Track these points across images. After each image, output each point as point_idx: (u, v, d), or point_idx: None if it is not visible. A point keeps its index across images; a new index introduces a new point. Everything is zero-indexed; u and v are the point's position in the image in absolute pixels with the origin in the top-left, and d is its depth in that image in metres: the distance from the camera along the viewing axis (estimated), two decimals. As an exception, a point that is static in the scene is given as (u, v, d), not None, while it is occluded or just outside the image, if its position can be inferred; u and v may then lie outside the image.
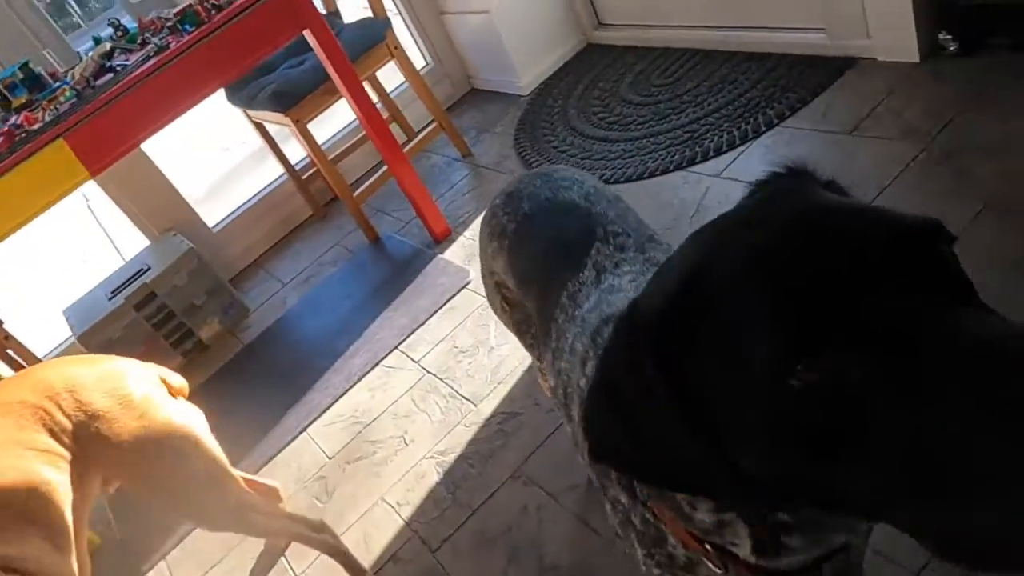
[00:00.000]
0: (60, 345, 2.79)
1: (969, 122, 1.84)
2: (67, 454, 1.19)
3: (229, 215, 3.05)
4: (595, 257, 0.88)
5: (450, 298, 2.27)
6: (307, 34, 2.13)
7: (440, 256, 2.47)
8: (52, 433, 1.19)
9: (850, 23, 2.16)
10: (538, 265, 0.98)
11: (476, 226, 2.51)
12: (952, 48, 2.01)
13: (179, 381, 1.50)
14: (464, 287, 2.28)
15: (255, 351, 2.56)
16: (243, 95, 2.63)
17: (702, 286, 0.50)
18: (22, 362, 2.29)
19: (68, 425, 1.21)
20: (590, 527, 1.49)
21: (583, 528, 1.50)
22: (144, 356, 2.53)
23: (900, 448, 0.41)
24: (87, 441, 1.23)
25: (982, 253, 1.55)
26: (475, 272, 2.31)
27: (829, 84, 2.19)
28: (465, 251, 2.44)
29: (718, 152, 2.21)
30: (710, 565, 0.65)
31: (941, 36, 2.02)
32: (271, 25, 2.01)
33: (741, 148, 2.18)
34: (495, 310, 1.25)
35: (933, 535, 0.42)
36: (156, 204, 2.81)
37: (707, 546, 0.63)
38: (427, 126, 2.84)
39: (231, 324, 2.72)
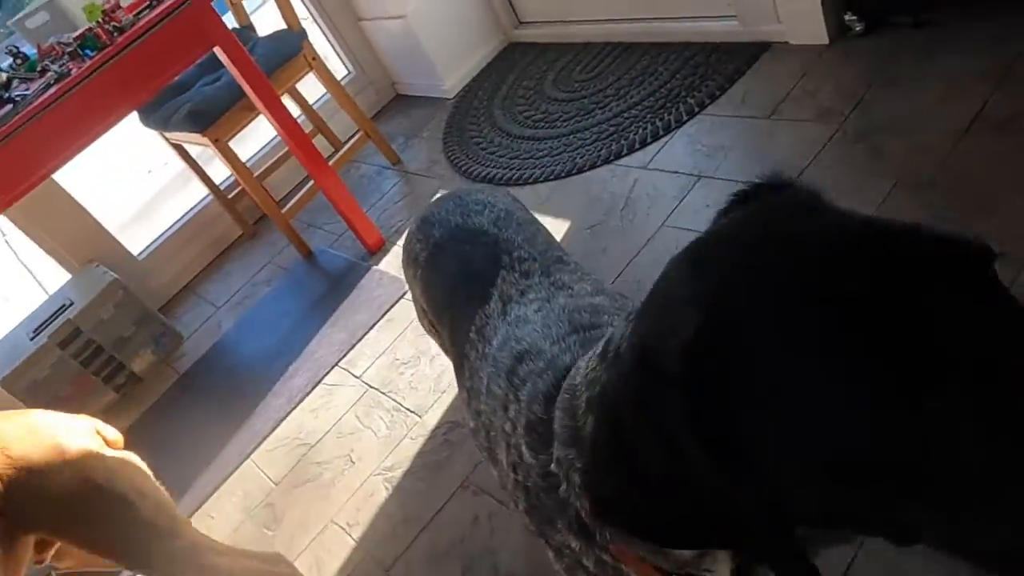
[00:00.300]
0: (-18, 391, 2.66)
1: (878, 100, 1.90)
2: None
3: (155, 241, 2.95)
4: (501, 287, 0.87)
5: (388, 310, 2.24)
6: (217, 51, 2.07)
7: (375, 268, 2.43)
8: None
9: (760, 9, 2.20)
10: (448, 296, 0.96)
11: (410, 234, 2.49)
12: (858, 28, 2.07)
13: (113, 434, 1.43)
14: (401, 298, 2.26)
15: (192, 379, 2.48)
16: (157, 117, 2.54)
17: (737, 322, 0.44)
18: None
19: None
20: (541, 531, 1.49)
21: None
22: (74, 395, 2.45)
23: (969, 474, 0.40)
24: (21, 498, 1.15)
25: (898, 228, 1.60)
26: (412, 281, 2.28)
27: (746, 70, 2.23)
28: (400, 260, 2.40)
29: (643, 144, 2.23)
30: None
31: (847, 17, 2.08)
32: (177, 44, 1.94)
33: (665, 138, 2.21)
34: (427, 331, 1.23)
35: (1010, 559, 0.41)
36: (74, 235, 2.70)
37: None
38: (353, 136, 2.79)
39: (165, 354, 2.63)
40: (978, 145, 1.66)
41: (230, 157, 2.48)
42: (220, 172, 2.96)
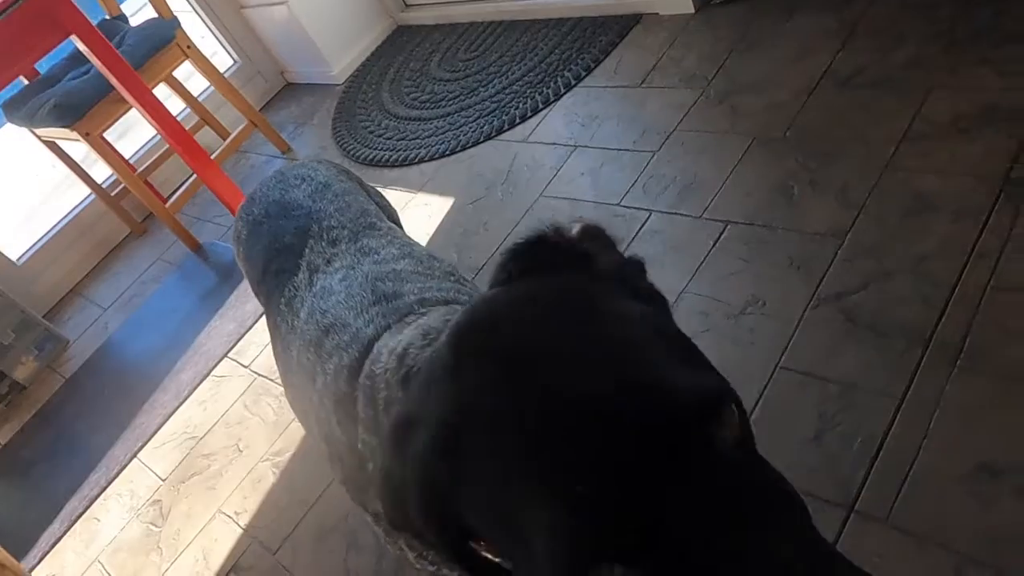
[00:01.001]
0: None
1: (738, 64, 1.97)
2: None
3: (35, 245, 2.82)
4: (308, 257, 0.88)
5: (277, 297, 2.21)
6: (75, 40, 1.99)
7: (264, 256, 2.39)
8: None
9: (629, -19, 2.25)
10: (262, 271, 0.96)
11: (298, 221, 2.45)
12: (720, -4, 2.14)
13: None
14: (290, 284, 2.22)
15: (78, 383, 2.40)
16: (23, 113, 2.43)
17: (467, 433, 0.45)
18: None
19: None
20: (421, 499, 1.50)
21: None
22: (-51, 408, 2.33)
23: None
24: None
25: (753, 182, 1.67)
26: (300, 267, 2.25)
27: (619, 41, 2.28)
28: (290, 248, 2.37)
29: (523, 118, 2.25)
30: None
31: (709, -14, 2.14)
32: (26, 34, 1.86)
33: (544, 112, 2.24)
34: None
35: None
36: (-56, 243, 2.56)
37: None
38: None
39: (49, 359, 2.53)
40: (824, 100, 1.74)
41: (105, 152, 2.40)
42: (104, 170, 2.86)
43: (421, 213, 2.17)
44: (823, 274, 1.43)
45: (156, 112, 2.19)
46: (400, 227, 1.13)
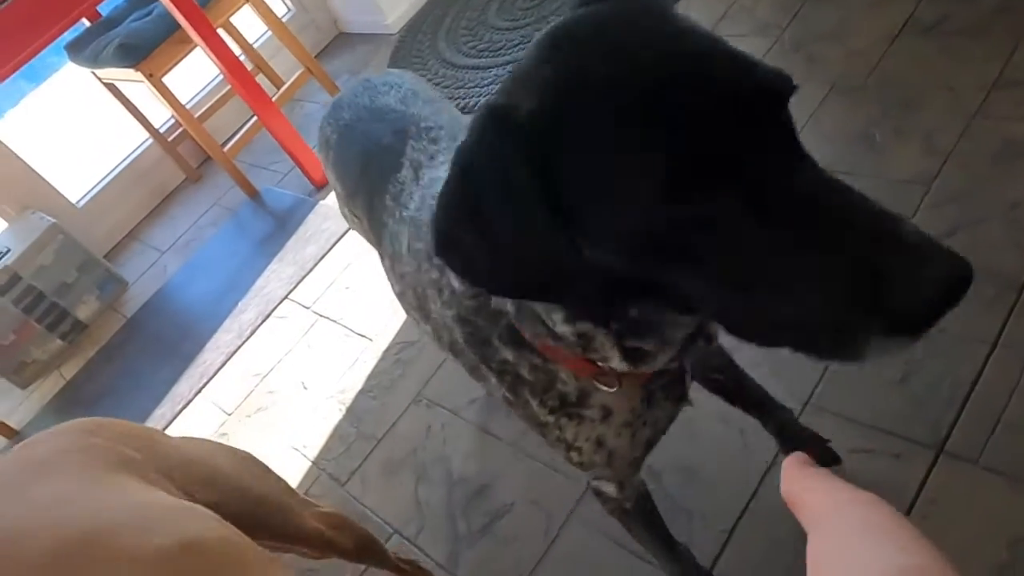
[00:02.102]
0: (-80, 344, 2.57)
1: (814, 12, 1.92)
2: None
3: (93, 188, 2.86)
4: (411, 154, 0.89)
5: (336, 241, 2.23)
6: (145, -24, 1.99)
7: (322, 202, 2.41)
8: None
9: (699, -73, 2.20)
10: (361, 173, 0.98)
11: (356, 168, 2.46)
12: (794, -57, 2.08)
13: None
14: (349, 229, 2.24)
15: (140, 324, 2.44)
16: (87, 53, 2.45)
17: (575, 96, 0.50)
18: None
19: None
20: (492, 435, 1.52)
21: (486, 437, 1.53)
22: (17, 342, 2.39)
23: (734, 261, 0.48)
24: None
25: (832, 130, 1.64)
26: (360, 213, 2.26)
27: (686, -10, 2.23)
28: (348, 194, 2.38)
29: (587, 67, 2.22)
30: (602, 387, 0.68)
31: (783, -68, 2.08)
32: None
33: (608, 60, 2.20)
34: (348, 221, 1.24)
35: (738, 323, 0.51)
36: (8, 183, 2.60)
37: (599, 364, 0.65)
38: (296, 74, 2.73)
39: (110, 300, 2.58)
40: (908, 48, 1.69)
41: (166, 94, 2.41)
42: (159, 115, 2.88)
43: (482, 160, 2.16)
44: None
45: (220, 52, 2.20)
46: None
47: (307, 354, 1.96)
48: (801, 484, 0.29)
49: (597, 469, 0.79)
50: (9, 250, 2.42)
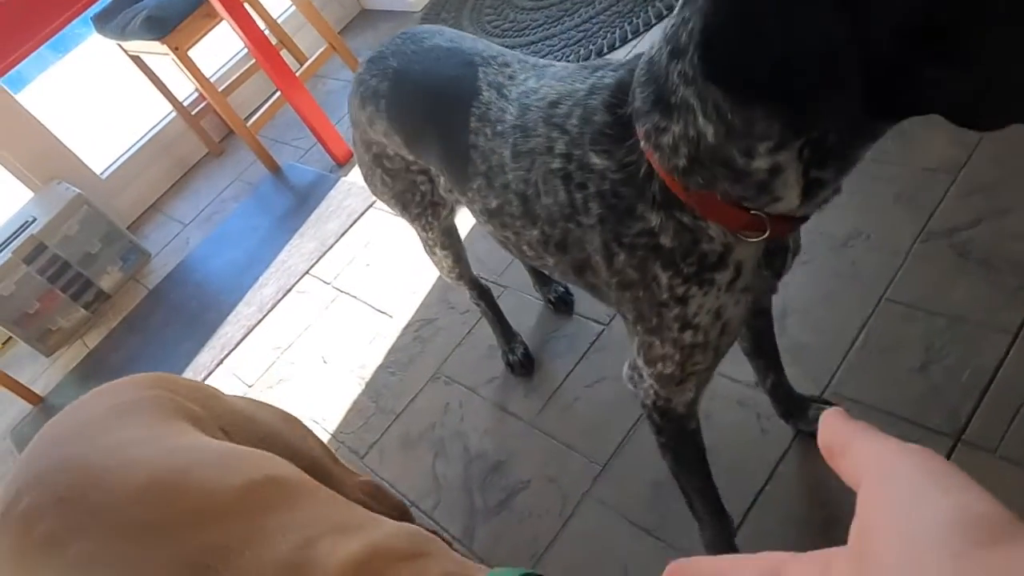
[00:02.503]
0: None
1: None
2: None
3: (117, 160, 2.89)
4: (486, 79, 0.91)
5: (358, 218, 2.24)
6: (173, -51, 2.00)
7: (344, 179, 2.42)
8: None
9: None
10: (428, 110, 0.99)
11: (378, 145, 2.47)
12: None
13: None
14: (371, 206, 2.25)
15: (162, 295, 2.48)
16: (114, 25, 2.46)
17: None
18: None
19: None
20: (510, 412, 1.54)
21: (503, 414, 1.54)
22: (42, 311, 2.43)
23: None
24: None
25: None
26: (381, 190, 2.28)
27: (713, -28, 2.21)
28: (369, 171, 2.39)
29: (611, 48, 2.21)
30: (747, 238, 0.70)
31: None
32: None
33: (633, 42, 2.19)
34: (375, 189, 1.26)
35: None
36: (34, 153, 2.64)
37: (752, 212, 0.67)
38: (319, 50, 2.74)
39: (133, 271, 2.61)
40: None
41: (191, 68, 2.42)
42: (183, 88, 2.90)
43: (504, 140, 2.16)
44: (933, 209, 1.40)
45: (246, 26, 2.20)
46: None
47: (327, 329, 1.98)
48: (844, 435, 0.28)
49: (696, 358, 0.82)
50: (35, 219, 2.46)
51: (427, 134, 1.00)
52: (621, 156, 0.73)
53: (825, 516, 1.14)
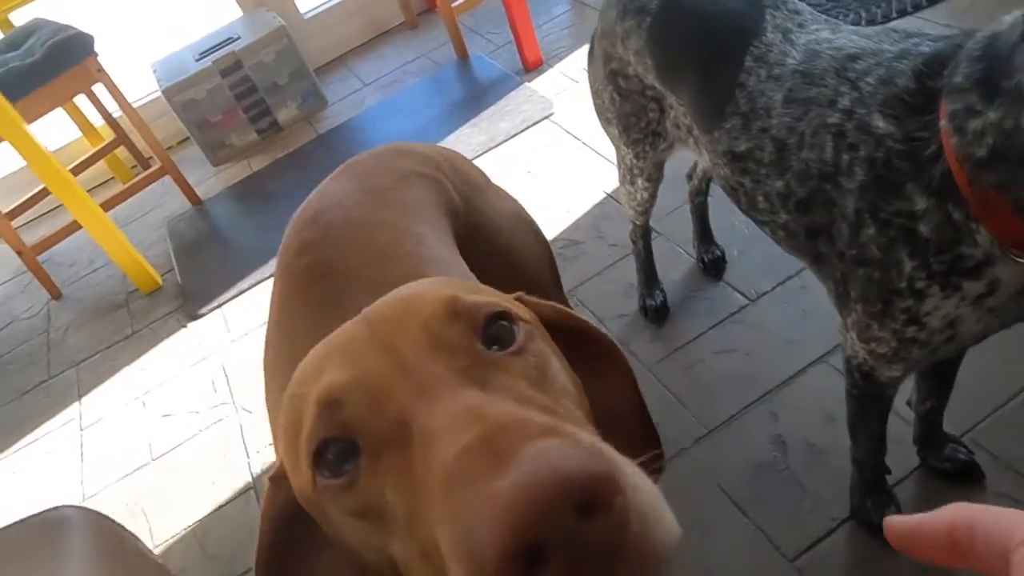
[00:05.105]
0: (145, 96, 2.84)
1: None
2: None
3: (321, 5, 3.00)
4: (773, 22, 0.89)
5: (531, 126, 2.26)
6: None
7: (527, 84, 2.43)
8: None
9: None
10: (696, 39, 0.98)
11: (570, 61, 2.46)
12: None
13: None
14: (546, 118, 2.26)
15: (328, 142, 2.59)
16: None
17: None
18: (108, 99, 2.34)
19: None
20: (630, 351, 1.55)
21: (624, 352, 1.56)
22: (221, 124, 2.59)
23: None
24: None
25: None
26: (560, 106, 2.28)
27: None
28: (554, 85, 2.39)
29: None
30: (1019, 258, 0.66)
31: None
32: None
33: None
34: (599, 105, 1.25)
35: None
36: (253, -24, 2.77)
37: None
38: (539, -49, 2.72)
39: (308, 112, 2.74)
40: None
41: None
42: (399, -46, 2.95)
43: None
44: None
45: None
46: None
47: (474, 220, 2.03)
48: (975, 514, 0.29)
49: (912, 351, 0.80)
50: (239, 38, 2.60)
51: (687, 64, 0.99)
52: (912, 128, 0.70)
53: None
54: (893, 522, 0.32)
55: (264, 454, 1.66)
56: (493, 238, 0.95)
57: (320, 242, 0.79)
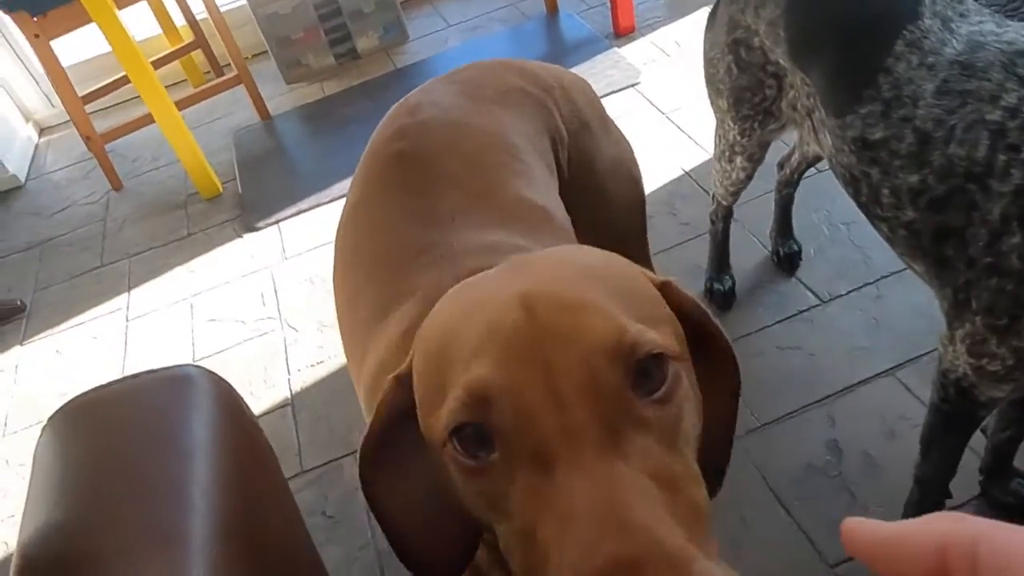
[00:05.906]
0: (230, 3, 2.81)
1: None
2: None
3: (417, -63, 2.94)
4: (932, 8, 0.84)
5: (614, 92, 2.21)
6: None
7: (616, 49, 2.37)
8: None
9: None
10: (841, 17, 0.93)
11: (663, 33, 2.39)
12: None
13: None
14: (631, 86, 2.21)
15: (404, 77, 2.56)
16: None
17: None
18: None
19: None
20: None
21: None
22: (300, 42, 2.57)
23: None
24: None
25: None
26: (647, 77, 2.22)
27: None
28: (643, 55, 2.33)
29: None
30: None
31: None
32: None
33: None
34: (712, 74, 1.20)
35: None
36: None
37: None
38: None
39: (388, 44, 2.70)
40: None
41: None
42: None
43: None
44: None
45: None
46: None
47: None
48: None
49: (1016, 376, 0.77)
50: (334, -42, 2.56)
51: (826, 41, 0.93)
52: None
53: None
54: (858, 525, 0.24)
55: (305, 374, 1.66)
56: (588, 176, 0.94)
57: (415, 132, 0.79)
